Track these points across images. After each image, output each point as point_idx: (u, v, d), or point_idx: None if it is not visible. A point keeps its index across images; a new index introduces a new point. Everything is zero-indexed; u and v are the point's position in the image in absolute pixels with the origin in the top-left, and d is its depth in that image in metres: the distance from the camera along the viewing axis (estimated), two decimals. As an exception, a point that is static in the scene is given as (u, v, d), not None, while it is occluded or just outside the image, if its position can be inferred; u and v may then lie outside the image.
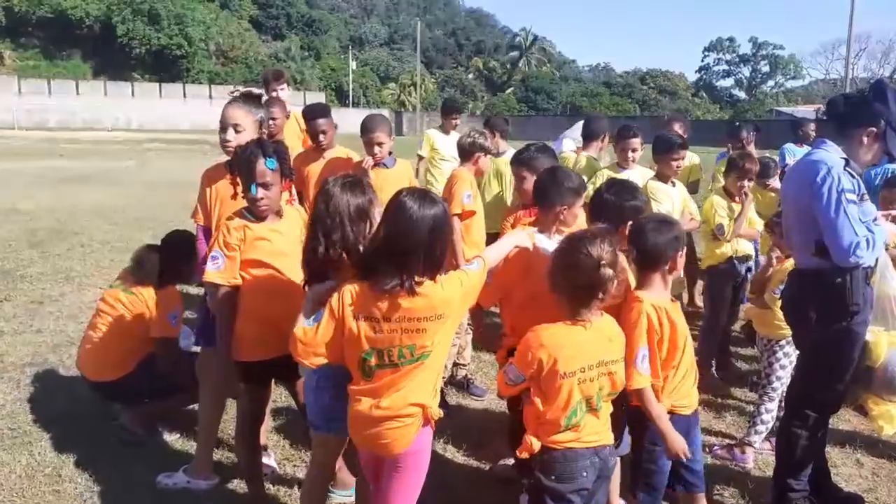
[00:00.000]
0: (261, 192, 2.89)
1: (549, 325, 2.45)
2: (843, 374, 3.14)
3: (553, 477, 2.42)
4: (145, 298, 3.97)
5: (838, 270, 3.00)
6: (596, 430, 2.48)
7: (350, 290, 2.38)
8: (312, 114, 4.81)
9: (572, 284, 2.42)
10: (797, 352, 3.52)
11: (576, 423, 2.42)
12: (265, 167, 2.87)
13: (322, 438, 2.82)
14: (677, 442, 2.60)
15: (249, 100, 3.46)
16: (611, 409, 2.56)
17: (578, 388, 2.40)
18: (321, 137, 4.79)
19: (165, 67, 58.06)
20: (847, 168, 3.02)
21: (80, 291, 6.99)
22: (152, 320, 3.94)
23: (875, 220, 3.12)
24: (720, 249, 4.88)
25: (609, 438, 2.53)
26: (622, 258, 2.53)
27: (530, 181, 3.38)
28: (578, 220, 3.18)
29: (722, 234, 4.79)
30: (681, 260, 2.73)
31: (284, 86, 5.83)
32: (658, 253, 2.68)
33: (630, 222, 2.79)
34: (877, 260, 3.11)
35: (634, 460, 2.82)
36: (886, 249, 3.37)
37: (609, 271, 2.39)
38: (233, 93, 3.66)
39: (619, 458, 2.62)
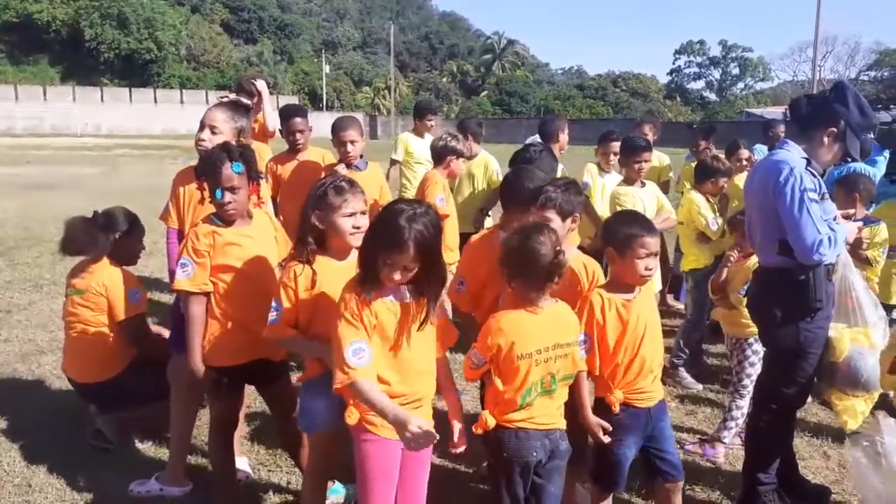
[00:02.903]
0: (228, 197, 2.88)
1: (507, 312, 2.58)
2: (808, 369, 3.21)
3: (505, 454, 2.55)
4: (93, 288, 3.82)
5: (801, 268, 3.06)
6: (549, 414, 2.60)
7: None
8: (290, 112, 4.80)
9: (531, 272, 2.50)
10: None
11: (529, 403, 2.54)
12: (231, 171, 2.86)
13: None
14: (594, 428, 2.74)
15: (236, 108, 3.46)
16: (565, 396, 2.66)
17: (536, 369, 2.52)
18: (297, 136, 4.78)
19: (135, 72, 57.35)
20: (808, 168, 3.09)
21: (49, 299, 6.87)
22: (114, 308, 3.83)
23: (835, 218, 3.20)
24: (705, 253, 4.92)
25: (561, 423, 2.65)
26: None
27: None
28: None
29: (717, 227, 4.83)
30: (639, 263, 2.71)
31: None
32: (616, 246, 2.76)
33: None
34: (837, 257, 3.19)
35: (595, 452, 2.88)
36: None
37: (564, 257, 2.52)
38: (221, 98, 3.67)
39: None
